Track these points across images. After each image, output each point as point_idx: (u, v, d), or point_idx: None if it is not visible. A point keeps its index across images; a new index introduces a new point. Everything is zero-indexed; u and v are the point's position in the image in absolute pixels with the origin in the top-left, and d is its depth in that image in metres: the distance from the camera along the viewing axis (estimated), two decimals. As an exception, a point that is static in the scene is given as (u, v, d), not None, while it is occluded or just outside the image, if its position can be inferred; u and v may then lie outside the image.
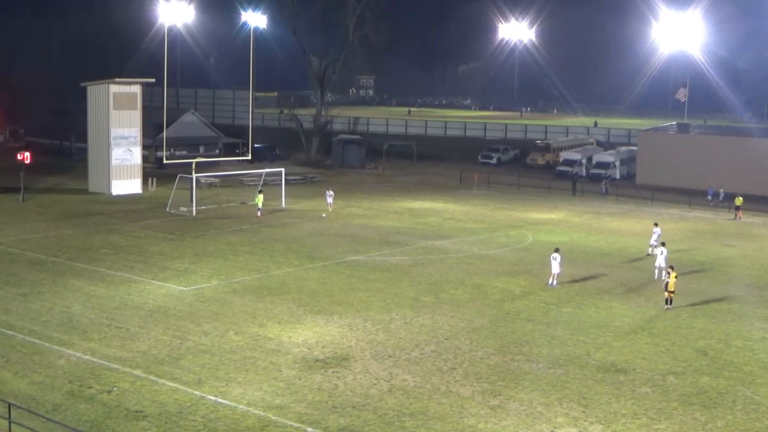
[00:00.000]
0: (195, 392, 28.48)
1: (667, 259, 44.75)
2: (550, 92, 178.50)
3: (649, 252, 51.19)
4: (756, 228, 63.85)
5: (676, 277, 40.02)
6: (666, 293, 39.95)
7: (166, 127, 71.11)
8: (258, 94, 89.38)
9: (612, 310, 39.84)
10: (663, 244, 46.79)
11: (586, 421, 27.13)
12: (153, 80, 76.12)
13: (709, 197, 74.29)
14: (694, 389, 30.04)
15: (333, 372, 30.66)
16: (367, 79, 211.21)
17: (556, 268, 43.61)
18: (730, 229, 63.14)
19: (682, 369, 32.04)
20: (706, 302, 41.47)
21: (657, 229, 52.22)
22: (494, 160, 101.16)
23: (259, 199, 62.77)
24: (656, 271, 45.45)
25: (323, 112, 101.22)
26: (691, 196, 73.86)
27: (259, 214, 61.61)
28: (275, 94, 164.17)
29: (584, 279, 45.11)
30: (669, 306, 39.67)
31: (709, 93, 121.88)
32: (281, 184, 68.55)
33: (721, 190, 74.39)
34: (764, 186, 75.71)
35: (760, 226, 64.89)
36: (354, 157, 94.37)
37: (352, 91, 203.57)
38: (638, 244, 55.46)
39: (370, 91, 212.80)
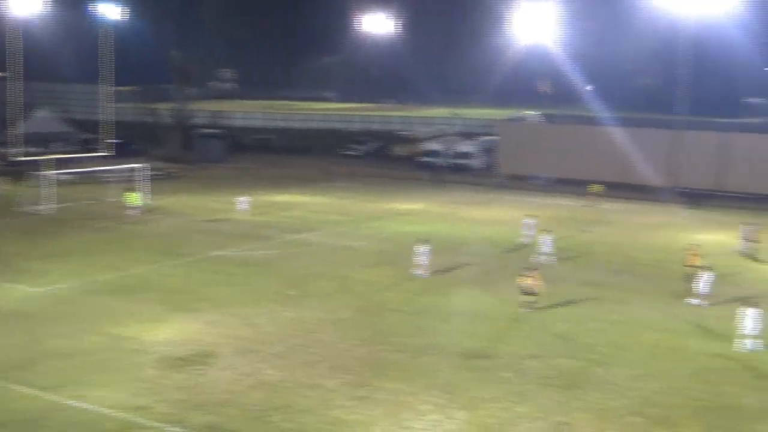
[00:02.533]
0: (52, 397, 27.54)
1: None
2: (412, 84, 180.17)
3: (525, 241, 51.85)
4: (612, 214, 66.05)
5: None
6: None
7: (18, 123, 68.56)
8: (116, 88, 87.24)
9: (476, 298, 40.48)
10: (546, 232, 47.94)
11: (450, 407, 27.52)
12: (5, 74, 73.23)
13: (541, 181, 76.92)
14: (553, 372, 30.86)
15: (196, 370, 30.17)
16: (228, 72, 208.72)
17: (421, 258, 44.02)
18: (589, 216, 65.08)
19: (541, 353, 32.86)
20: (565, 287, 42.60)
21: (529, 220, 52.98)
22: (357, 152, 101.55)
23: (132, 197, 60.21)
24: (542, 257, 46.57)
25: (184, 106, 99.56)
26: (552, 184, 75.92)
27: (132, 212, 59.09)
28: (134, 88, 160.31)
29: (449, 268, 45.64)
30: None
31: (565, 84, 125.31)
32: (143, 179, 66.95)
33: (545, 175, 77.28)
34: (620, 173, 78.25)
35: (617, 212, 67.17)
36: (215, 151, 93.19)
37: (212, 85, 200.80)
38: (502, 232, 56.63)
39: (231, 84, 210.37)
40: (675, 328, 36.57)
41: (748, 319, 33.04)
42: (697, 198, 70.91)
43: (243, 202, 61.54)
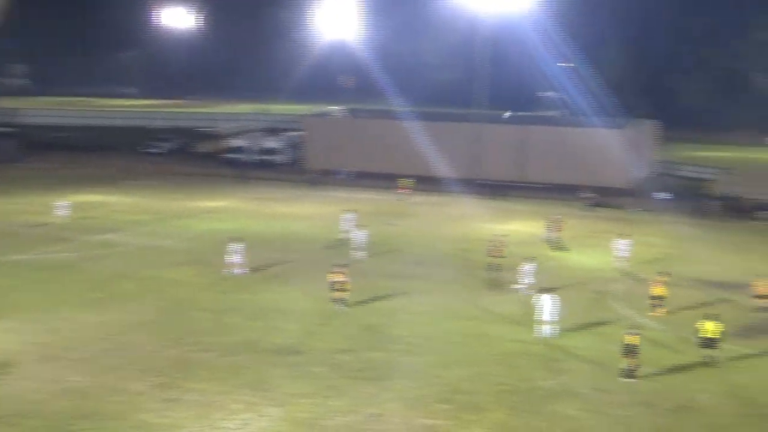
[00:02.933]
0: None
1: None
2: (216, 79, 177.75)
3: (343, 237, 51.58)
4: (419, 207, 67.31)
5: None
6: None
7: None
8: None
9: (286, 294, 40.44)
10: (360, 227, 48.53)
11: (262, 405, 27.42)
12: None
13: (342, 176, 78.12)
14: (363, 364, 31.27)
15: (-5, 380, 28.81)
16: (21, 68, 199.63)
17: (236, 256, 43.45)
18: (396, 209, 66.07)
19: (352, 346, 33.21)
20: (375, 281, 43.14)
21: (348, 215, 52.85)
22: (160, 150, 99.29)
23: None
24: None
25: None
26: (354, 178, 76.73)
27: None
28: None
29: (258, 266, 45.24)
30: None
31: (369, 79, 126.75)
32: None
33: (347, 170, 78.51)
34: (424, 167, 79.89)
35: (423, 205, 68.52)
36: (8, 151, 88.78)
37: (4, 81, 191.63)
38: (312, 228, 56.80)
39: (25, 81, 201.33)
40: (479, 316, 37.81)
41: (546, 305, 34.51)
42: (498, 189, 73.35)
43: (61, 207, 57.24)
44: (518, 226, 59.70)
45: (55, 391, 28.02)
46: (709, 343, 31.40)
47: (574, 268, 47.30)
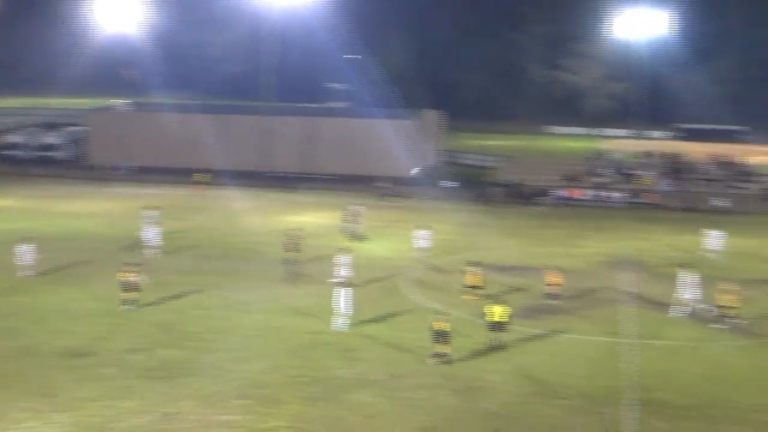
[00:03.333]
0: None
1: None
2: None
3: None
4: (209, 201, 66.16)
5: None
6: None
7: None
8: None
9: (70, 295, 38.86)
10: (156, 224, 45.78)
11: (49, 411, 26.26)
12: None
13: (121, 171, 76.51)
14: (157, 363, 30.53)
15: None
16: None
17: (27, 258, 41.14)
18: (186, 203, 64.73)
19: (143, 345, 32.33)
20: (167, 278, 41.99)
21: (150, 212, 50.67)
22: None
23: None
24: None
25: None
26: (144, 173, 74.85)
27: None
28: None
29: (43, 267, 42.92)
30: None
31: (154, 72, 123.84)
32: None
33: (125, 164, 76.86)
34: (214, 160, 78.82)
35: (213, 198, 67.37)
36: None
37: None
38: (98, 226, 55.02)
39: None
40: (274, 309, 37.65)
41: (341, 298, 34.78)
42: (288, 182, 73.39)
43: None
44: (311, 217, 59.98)
45: None
46: (497, 326, 32.48)
47: (373, 258, 47.76)
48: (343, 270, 40.68)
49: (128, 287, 36.59)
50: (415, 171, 78.26)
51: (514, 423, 26.74)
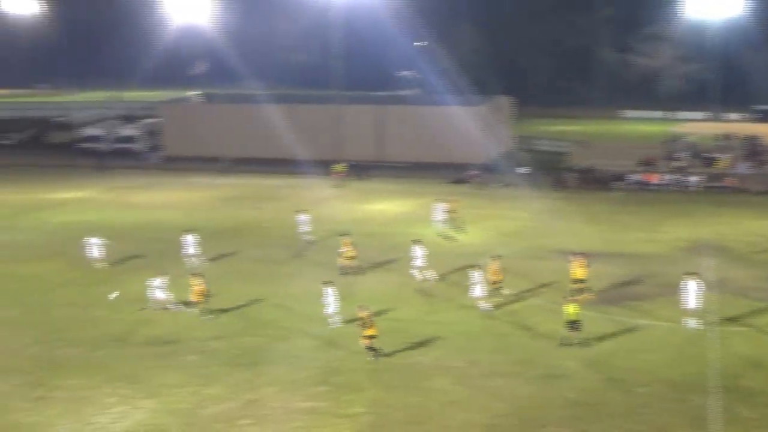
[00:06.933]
0: None
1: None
2: (64, 67, 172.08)
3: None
4: (278, 190, 66.75)
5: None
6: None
7: None
8: None
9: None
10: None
11: (136, 397, 26.88)
12: None
13: (225, 163, 76.83)
14: (238, 351, 30.98)
15: None
16: None
17: (94, 250, 41.98)
18: (258, 192, 65.42)
19: (225, 333, 32.83)
20: (239, 264, 42.75)
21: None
22: (11, 141, 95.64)
23: None
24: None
25: None
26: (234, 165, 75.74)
27: None
28: None
29: (125, 257, 44.03)
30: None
31: (225, 63, 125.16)
32: None
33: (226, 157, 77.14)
34: (277, 149, 79.51)
35: (282, 187, 68.00)
36: None
37: None
38: (170, 215, 55.75)
39: None
40: (351, 296, 37.72)
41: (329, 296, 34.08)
42: (360, 170, 73.50)
43: None
44: (388, 205, 60.08)
45: None
46: (572, 325, 31.87)
47: (459, 246, 47.60)
48: (418, 260, 40.39)
49: (199, 295, 35.55)
50: (486, 158, 77.85)
51: (594, 411, 26.53)
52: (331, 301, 33.80)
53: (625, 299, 37.51)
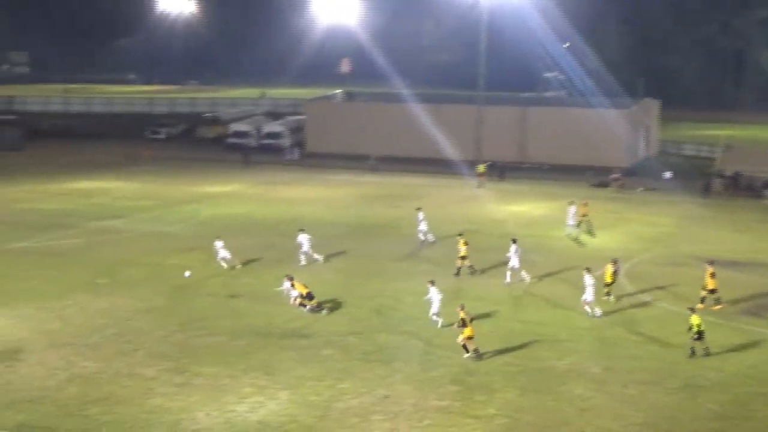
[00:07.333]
0: None
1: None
2: (215, 64, 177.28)
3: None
4: (418, 189, 67.15)
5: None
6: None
7: None
8: None
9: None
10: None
11: (272, 388, 27.47)
12: None
13: (373, 161, 77.28)
14: (373, 347, 31.29)
15: (6, 367, 28.81)
16: (19, 55, 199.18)
17: (221, 252, 41.80)
18: (398, 191, 65.91)
19: (360, 329, 33.23)
20: (377, 261, 43.17)
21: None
22: (163, 135, 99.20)
23: None
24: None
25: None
26: (360, 161, 76.60)
27: None
28: None
29: (264, 249, 45.24)
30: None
31: (369, 62, 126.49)
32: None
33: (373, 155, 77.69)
34: (420, 148, 79.91)
35: (422, 186, 68.38)
36: (11, 138, 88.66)
37: (4, 69, 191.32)
38: (312, 211, 56.76)
39: (24, 68, 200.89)
40: (485, 297, 37.66)
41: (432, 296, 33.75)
42: (501, 170, 73.13)
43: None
44: (527, 207, 59.68)
45: (65, 377, 28.10)
46: (699, 335, 30.82)
47: (596, 250, 46.97)
48: (512, 261, 39.90)
49: (303, 299, 35.46)
50: (632, 161, 76.27)
51: (738, 424, 25.69)
52: (434, 300, 33.69)
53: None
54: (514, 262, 39.95)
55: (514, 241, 40.47)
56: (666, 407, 26.76)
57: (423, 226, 47.50)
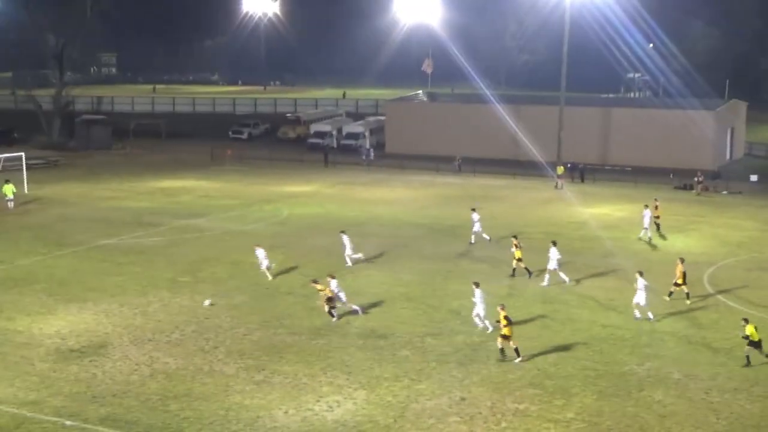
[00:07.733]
0: (-62, 395, 26.57)
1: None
2: (297, 65, 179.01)
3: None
4: (498, 190, 66.89)
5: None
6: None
7: None
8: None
9: (370, 278, 40.62)
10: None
11: (350, 387, 27.59)
12: None
13: (457, 162, 77.00)
14: (451, 348, 31.21)
15: (90, 361, 29.51)
16: (109, 57, 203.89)
17: (263, 262, 41.05)
18: (477, 192, 65.73)
19: (438, 330, 33.19)
20: (456, 264, 43.14)
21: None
22: (245, 135, 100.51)
23: (8, 188, 56.46)
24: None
25: (63, 92, 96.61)
26: (438, 162, 76.50)
27: (10, 205, 55.87)
28: (9, 74, 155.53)
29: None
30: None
31: (450, 63, 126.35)
32: (21, 168, 64.68)
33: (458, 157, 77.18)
34: (501, 149, 79.59)
35: (502, 188, 68.07)
36: (99, 137, 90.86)
37: (94, 70, 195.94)
38: (391, 212, 56.87)
39: (113, 69, 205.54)
40: (567, 300, 37.33)
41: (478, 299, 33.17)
42: (582, 172, 72.38)
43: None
44: (608, 209, 58.93)
45: (148, 372, 28.64)
46: (756, 344, 29.99)
47: (678, 254, 46.23)
48: (551, 263, 39.37)
49: (330, 302, 34.95)
50: (718, 164, 74.75)
51: (824, 435, 25.00)
52: (479, 302, 33.30)
53: None
54: (552, 264, 39.47)
55: (554, 243, 40.05)
56: (750, 415, 26.16)
57: (477, 227, 47.46)
